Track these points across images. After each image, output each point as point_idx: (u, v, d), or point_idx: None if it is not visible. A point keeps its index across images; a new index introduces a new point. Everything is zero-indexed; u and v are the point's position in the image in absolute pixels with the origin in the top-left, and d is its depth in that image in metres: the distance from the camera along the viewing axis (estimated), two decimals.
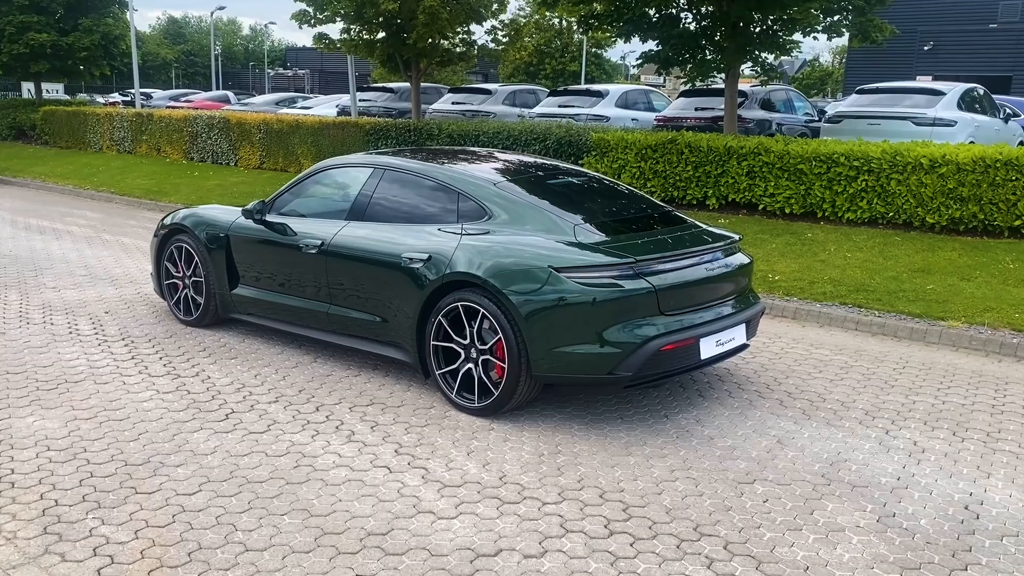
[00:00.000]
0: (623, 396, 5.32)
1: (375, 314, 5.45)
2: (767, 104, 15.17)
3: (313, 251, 5.73)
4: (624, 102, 16.94)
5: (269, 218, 6.18)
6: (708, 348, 4.91)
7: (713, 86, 15.19)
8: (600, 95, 16.84)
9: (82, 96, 46.44)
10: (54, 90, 44.86)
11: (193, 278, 6.68)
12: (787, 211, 10.57)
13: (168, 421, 4.79)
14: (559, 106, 16.80)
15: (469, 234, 5.06)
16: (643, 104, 17.35)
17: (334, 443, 4.54)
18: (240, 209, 6.38)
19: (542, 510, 3.86)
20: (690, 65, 12.27)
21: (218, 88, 55.25)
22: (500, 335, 4.77)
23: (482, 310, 4.83)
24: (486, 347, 4.89)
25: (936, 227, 9.59)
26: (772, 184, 10.62)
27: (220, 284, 6.47)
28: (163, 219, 7.02)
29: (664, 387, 5.44)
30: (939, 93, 13.08)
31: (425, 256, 5.11)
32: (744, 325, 5.21)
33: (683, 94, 15.75)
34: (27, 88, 35.41)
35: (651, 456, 4.49)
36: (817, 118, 16.13)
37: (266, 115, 17.75)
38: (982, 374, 6.00)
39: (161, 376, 5.56)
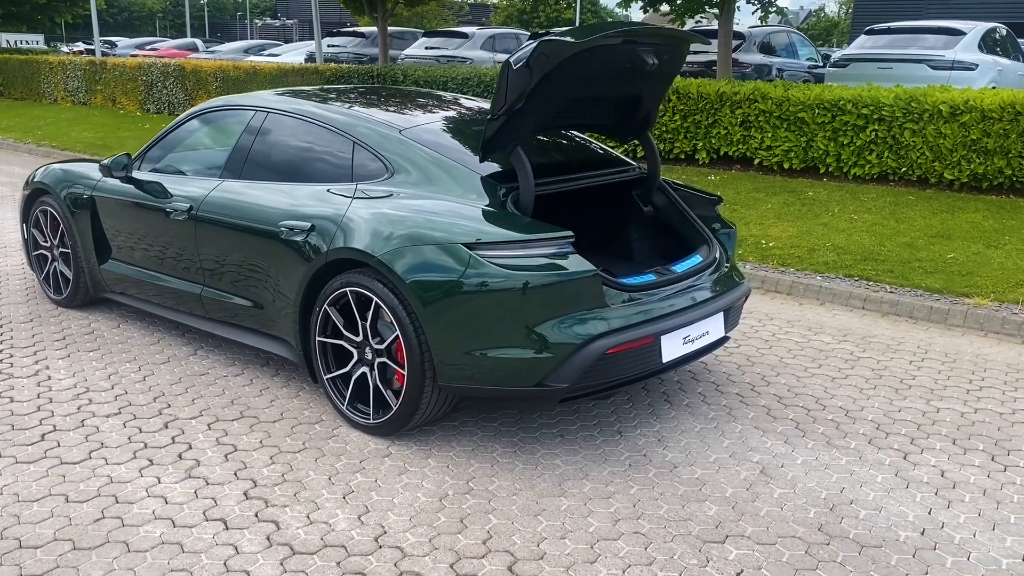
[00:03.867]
0: (568, 404, 4.17)
1: (249, 298, 4.29)
2: (767, 48, 13.82)
3: (182, 217, 4.54)
4: None
5: (137, 175, 4.98)
6: (673, 347, 3.75)
7: (707, 27, 13.81)
8: None
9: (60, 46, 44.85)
10: (34, 41, 43.29)
11: (61, 249, 5.49)
12: (786, 166, 9.33)
13: None
14: None
15: (362, 197, 3.87)
16: None
17: (166, 480, 3.40)
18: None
19: None
20: (678, 0, 10.91)
21: (207, 36, 53.29)
22: (398, 332, 3.61)
23: (375, 298, 3.66)
24: (383, 347, 3.73)
25: (956, 184, 8.37)
26: (769, 135, 9.37)
27: (88, 257, 5.28)
28: (31, 174, 5.82)
29: (622, 391, 4.28)
30: (958, 33, 11.72)
31: (307, 225, 3.92)
32: (722, 314, 4.03)
33: None
34: (4, 39, 33.90)
35: (591, 497, 3.35)
36: (822, 64, 14.77)
37: (222, 62, 16.38)
38: (1020, 369, 4.84)
39: None
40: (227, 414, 4.02)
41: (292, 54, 21.25)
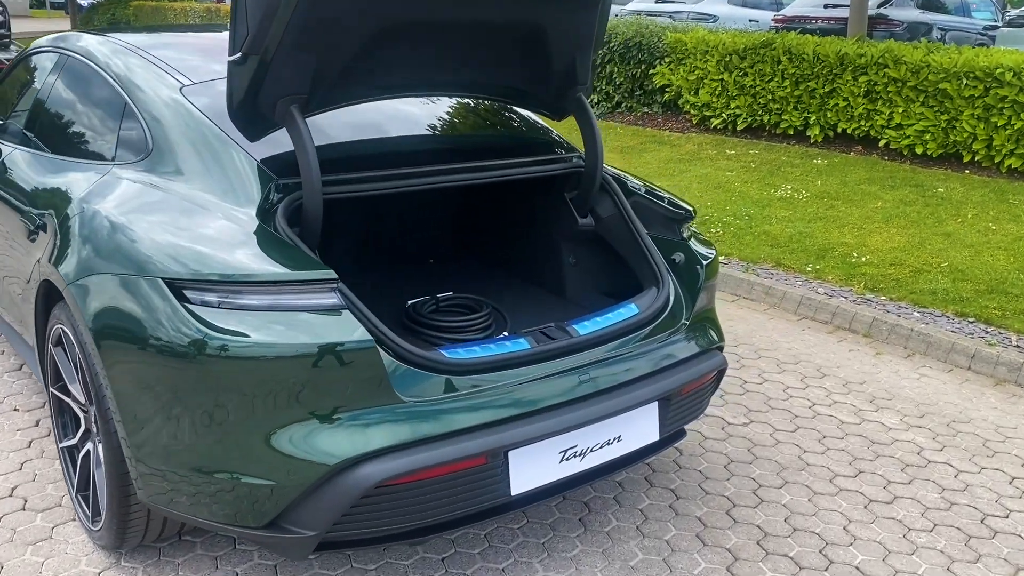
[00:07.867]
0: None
1: (11, 313, 3.14)
2: (929, 3, 11.36)
3: None
4: None
5: None
6: (536, 468, 2.24)
7: None
8: None
9: None
10: None
11: None
12: (919, 151, 7.29)
13: None
14: (657, 1, 13.56)
15: (101, 189, 2.57)
16: (768, 1, 13.77)
17: None
18: None
19: None
20: None
21: None
22: (93, 406, 2.32)
23: (77, 348, 2.38)
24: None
25: None
26: (900, 111, 7.33)
27: None
28: None
29: None
30: None
31: (36, 223, 2.69)
32: (656, 405, 2.47)
33: None
34: None
35: None
36: (1002, 25, 12.11)
37: None
38: None
39: None
40: None
41: None
